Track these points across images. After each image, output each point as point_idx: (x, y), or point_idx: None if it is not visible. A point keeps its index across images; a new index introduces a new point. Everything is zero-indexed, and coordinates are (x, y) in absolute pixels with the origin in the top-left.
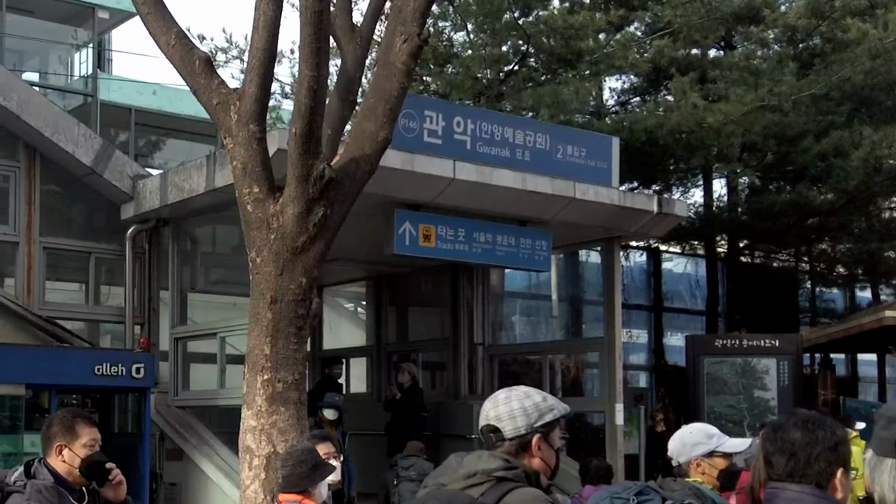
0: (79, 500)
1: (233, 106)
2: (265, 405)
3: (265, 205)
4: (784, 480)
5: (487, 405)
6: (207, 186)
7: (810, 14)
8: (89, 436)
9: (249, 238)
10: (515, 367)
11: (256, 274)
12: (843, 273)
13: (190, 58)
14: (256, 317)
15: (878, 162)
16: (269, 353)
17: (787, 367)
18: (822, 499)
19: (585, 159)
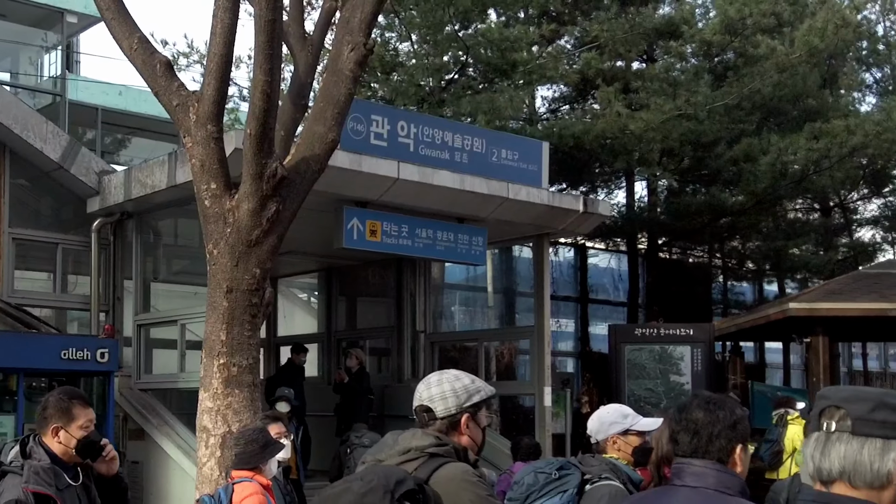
0: (73, 479)
1: (192, 107)
2: (221, 388)
3: (222, 200)
4: (689, 457)
5: (421, 387)
6: (169, 182)
7: (724, 31)
8: (85, 417)
9: (207, 231)
10: (454, 353)
11: (213, 265)
12: (752, 268)
13: (151, 61)
14: (213, 305)
15: (783, 167)
16: (224, 339)
17: (701, 354)
18: (724, 473)
19: (518, 162)
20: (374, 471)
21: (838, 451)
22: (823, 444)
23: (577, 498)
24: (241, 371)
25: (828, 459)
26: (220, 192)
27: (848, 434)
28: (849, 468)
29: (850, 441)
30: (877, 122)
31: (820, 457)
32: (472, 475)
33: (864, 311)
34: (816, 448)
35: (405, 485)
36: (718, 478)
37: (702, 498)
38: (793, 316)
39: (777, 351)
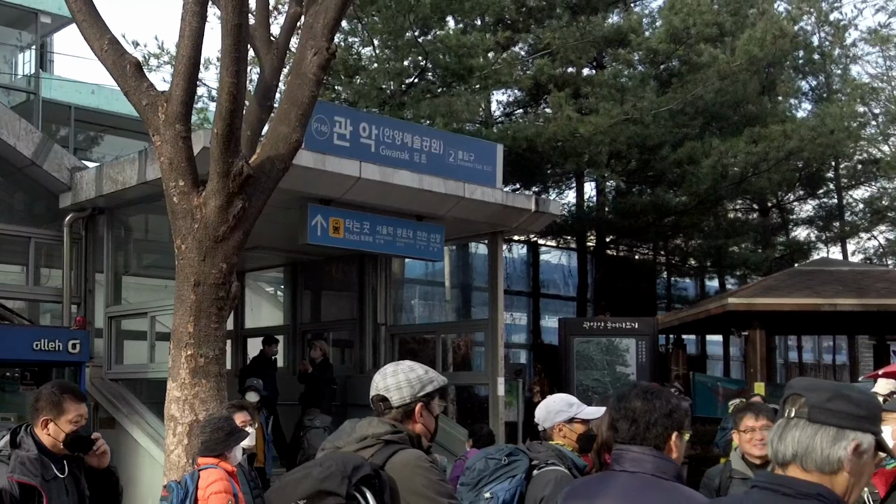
0: (60, 471)
1: (161, 107)
2: (188, 378)
3: (190, 197)
4: (627, 443)
5: (377, 377)
6: (139, 179)
7: (669, 39)
8: (75, 412)
9: (175, 227)
10: (413, 345)
11: (181, 259)
12: (694, 265)
13: (121, 62)
14: (181, 298)
15: (724, 169)
16: (192, 330)
17: (645, 347)
18: (660, 459)
19: (474, 163)
20: (333, 457)
21: (793, 436)
22: (782, 429)
23: (525, 482)
24: (207, 362)
25: (784, 443)
26: (188, 190)
27: (805, 420)
28: (801, 452)
29: (806, 427)
30: (812, 128)
31: (777, 441)
32: (425, 461)
33: (799, 306)
34: (776, 433)
35: (362, 470)
36: (655, 463)
37: (639, 482)
38: (732, 310)
39: (717, 343)
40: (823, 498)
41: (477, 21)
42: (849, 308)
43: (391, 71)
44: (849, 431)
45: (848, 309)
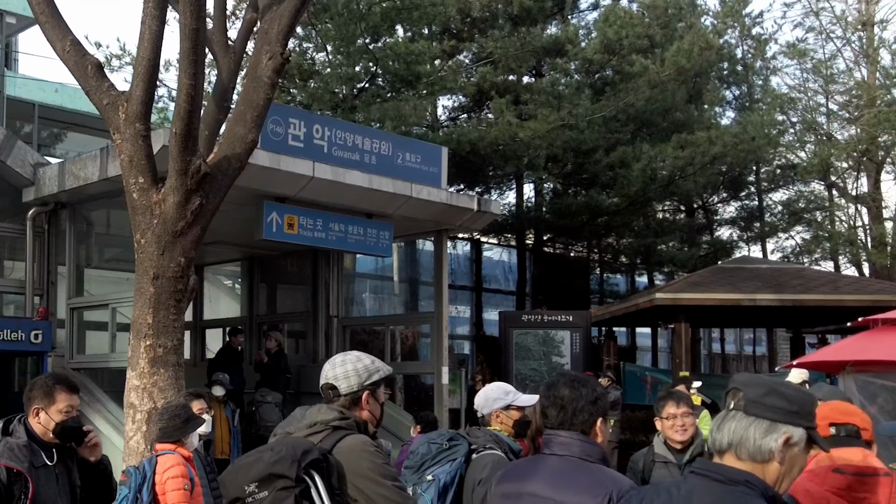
0: (50, 459)
1: (121, 106)
2: (147, 367)
3: (149, 194)
4: (556, 429)
5: (327, 367)
6: (101, 175)
7: (604, 50)
8: (66, 402)
9: (135, 222)
10: (363, 336)
11: (141, 253)
12: (625, 262)
13: (83, 63)
14: (140, 291)
15: (653, 173)
16: (151, 322)
17: (579, 338)
18: (586, 443)
19: (420, 164)
20: (284, 442)
21: (730, 427)
22: (721, 420)
23: (464, 465)
24: (166, 352)
25: (721, 433)
26: (148, 186)
27: (741, 413)
28: (736, 441)
29: (742, 419)
30: (735, 135)
31: (716, 430)
32: (371, 446)
33: (721, 301)
34: (715, 423)
35: (311, 455)
36: (582, 447)
37: (567, 465)
38: (659, 305)
39: (646, 335)
40: (751, 484)
41: (424, 30)
42: (767, 303)
43: (343, 76)
44: (781, 425)
45: (766, 304)
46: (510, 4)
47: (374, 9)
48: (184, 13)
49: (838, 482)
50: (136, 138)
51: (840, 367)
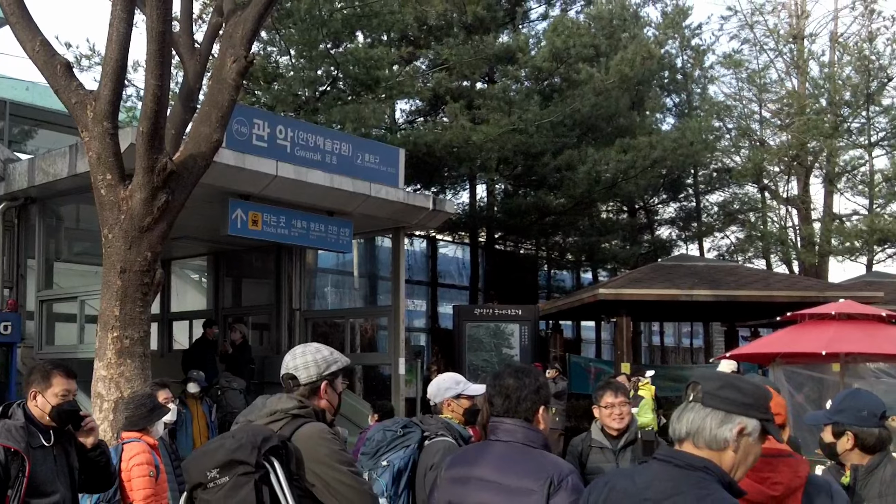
0: (48, 440)
1: (89, 105)
2: (114, 358)
3: (116, 190)
4: (501, 416)
5: (287, 358)
6: (70, 172)
7: (552, 58)
8: (62, 386)
9: (103, 217)
10: (325, 329)
11: (108, 248)
12: (571, 259)
13: (52, 62)
14: (108, 284)
15: (598, 175)
16: (118, 314)
17: (528, 331)
18: (530, 430)
19: (379, 165)
20: (245, 430)
21: (688, 417)
22: (681, 411)
23: (417, 451)
24: (132, 343)
25: (680, 423)
26: (115, 183)
27: (699, 405)
28: (693, 431)
29: (700, 410)
30: (674, 140)
31: (675, 420)
32: (328, 433)
33: (660, 296)
34: (676, 414)
35: (270, 441)
36: (525, 434)
37: (512, 450)
38: (602, 299)
39: (590, 328)
40: (709, 470)
41: (383, 37)
42: (703, 298)
43: (306, 79)
44: (735, 416)
45: (703, 299)
46: (464, 14)
47: (336, 15)
48: (150, 16)
49: None
50: (104, 136)
51: (770, 358)
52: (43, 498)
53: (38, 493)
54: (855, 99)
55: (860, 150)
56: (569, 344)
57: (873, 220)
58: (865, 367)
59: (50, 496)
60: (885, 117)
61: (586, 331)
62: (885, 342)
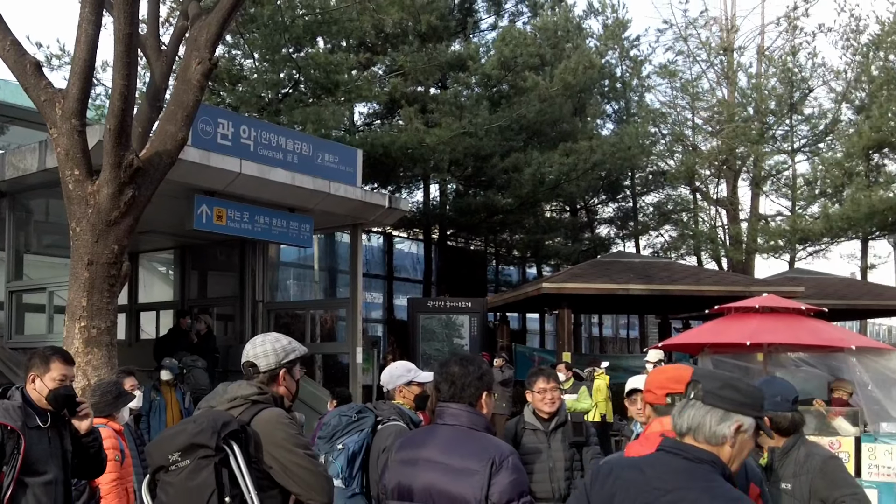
0: (44, 422)
1: (58, 103)
2: (82, 347)
3: (84, 185)
4: (447, 401)
5: (248, 347)
6: (39, 167)
7: (500, 67)
8: (60, 371)
9: (71, 211)
10: (287, 319)
11: (76, 241)
12: (517, 255)
13: (22, 62)
14: (76, 275)
15: (542, 177)
16: (85, 304)
17: (477, 322)
18: (473, 414)
19: (338, 165)
20: (206, 415)
21: (689, 414)
22: (682, 407)
23: (371, 435)
24: (99, 333)
25: (682, 419)
26: (83, 178)
27: (700, 402)
28: (693, 426)
29: (700, 407)
30: (613, 144)
31: (678, 416)
32: (286, 418)
33: (599, 290)
34: (677, 409)
35: (230, 426)
36: (469, 418)
37: (457, 433)
38: (546, 293)
39: (535, 320)
40: (715, 464)
41: (342, 43)
42: (639, 292)
43: (269, 81)
44: (733, 414)
45: (638, 293)
46: (419, 23)
47: (297, 22)
48: (118, 19)
49: None
50: (72, 133)
51: (699, 348)
52: (36, 476)
53: (31, 471)
54: (779, 108)
55: (784, 155)
56: (515, 334)
57: (795, 220)
58: (786, 357)
59: (43, 475)
60: (806, 125)
61: (531, 322)
62: (805, 334)
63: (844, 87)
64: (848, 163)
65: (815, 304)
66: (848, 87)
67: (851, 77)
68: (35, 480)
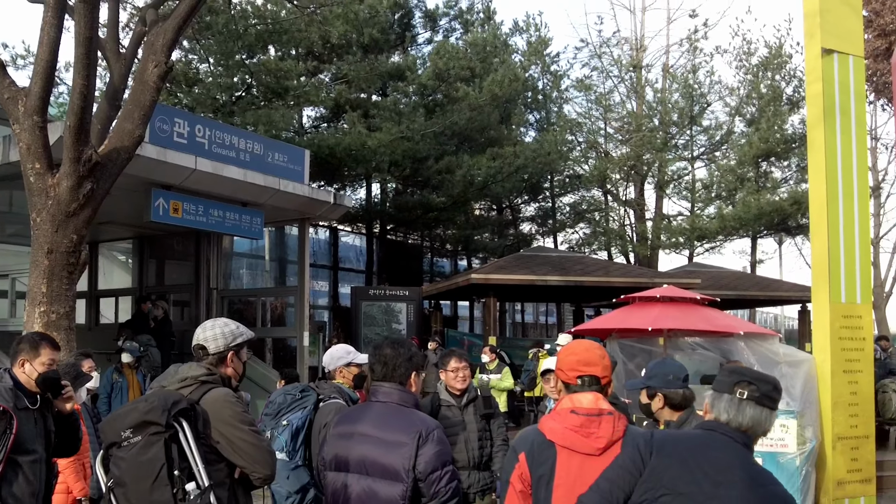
0: (32, 404)
1: (20, 101)
2: (42, 330)
3: (45, 178)
4: (380, 381)
5: (198, 330)
6: (3, 160)
7: (435, 77)
8: (48, 356)
9: (32, 203)
10: (239, 306)
11: (37, 230)
12: (450, 249)
13: None
14: (36, 263)
15: (472, 178)
16: (45, 290)
17: (413, 309)
18: (404, 392)
19: (287, 163)
20: (157, 394)
21: (749, 413)
22: (739, 404)
23: (313, 412)
24: (58, 317)
25: (743, 416)
26: (44, 171)
27: (754, 402)
28: (753, 425)
29: (755, 407)
30: (534, 150)
31: (736, 412)
32: (232, 397)
33: (521, 281)
34: (733, 405)
35: (180, 405)
36: (400, 395)
37: (389, 409)
38: (474, 283)
39: (465, 307)
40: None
41: (292, 51)
42: (556, 283)
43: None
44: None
45: (555, 283)
46: (362, 35)
47: (250, 30)
48: (78, 23)
49: (574, 421)
50: (34, 129)
51: (607, 333)
52: (25, 455)
53: (21, 450)
54: (681, 120)
55: (685, 162)
56: (447, 320)
57: (694, 220)
58: (684, 341)
59: (31, 454)
60: (704, 136)
61: (461, 309)
62: (700, 320)
63: (737, 102)
64: (740, 169)
65: (709, 294)
66: (740, 103)
67: (743, 94)
68: (24, 459)
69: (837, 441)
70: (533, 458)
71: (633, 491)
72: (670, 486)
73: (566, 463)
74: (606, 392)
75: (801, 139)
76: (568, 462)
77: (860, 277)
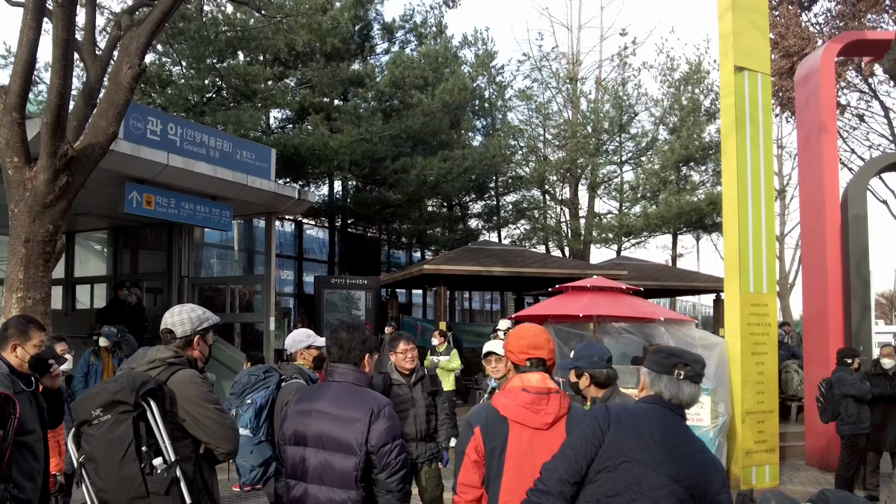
0: (27, 386)
1: (0, 98)
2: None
3: (23, 171)
4: (337, 362)
5: (166, 315)
6: None
7: (392, 85)
8: (38, 338)
9: (10, 194)
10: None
11: (14, 220)
12: (405, 242)
13: None
14: (14, 251)
15: (425, 178)
16: (22, 277)
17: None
18: (358, 373)
19: (254, 161)
20: (126, 375)
21: (690, 390)
22: (678, 382)
23: (275, 391)
24: (35, 303)
25: (683, 394)
26: (22, 165)
27: (689, 381)
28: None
29: (691, 385)
30: (481, 153)
31: (680, 392)
32: (198, 377)
33: (469, 272)
34: (674, 384)
35: (148, 385)
36: (355, 376)
37: (344, 389)
38: (427, 273)
39: (419, 295)
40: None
41: (260, 57)
42: (499, 273)
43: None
44: (700, 388)
45: (499, 274)
46: (325, 44)
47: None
48: (56, 26)
49: (524, 398)
50: (13, 125)
51: (544, 319)
52: (27, 435)
53: (23, 431)
54: (611, 128)
55: (614, 165)
56: (402, 307)
57: (622, 218)
58: (612, 326)
59: (32, 434)
60: (632, 142)
61: (416, 297)
62: (625, 308)
63: (661, 112)
64: (663, 173)
65: (634, 284)
66: (664, 113)
67: (667, 105)
68: (27, 439)
69: (746, 415)
70: (487, 432)
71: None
72: (629, 455)
73: (517, 436)
74: (551, 372)
75: (716, 146)
76: (519, 435)
77: (766, 270)
